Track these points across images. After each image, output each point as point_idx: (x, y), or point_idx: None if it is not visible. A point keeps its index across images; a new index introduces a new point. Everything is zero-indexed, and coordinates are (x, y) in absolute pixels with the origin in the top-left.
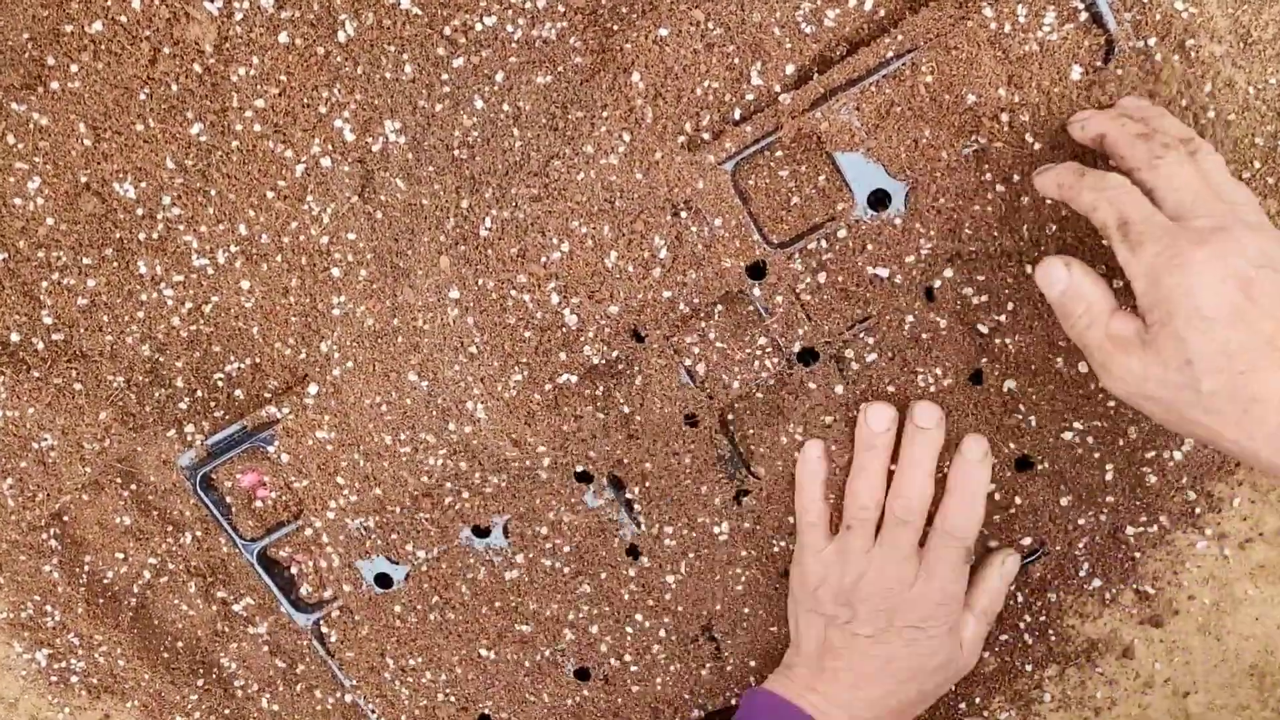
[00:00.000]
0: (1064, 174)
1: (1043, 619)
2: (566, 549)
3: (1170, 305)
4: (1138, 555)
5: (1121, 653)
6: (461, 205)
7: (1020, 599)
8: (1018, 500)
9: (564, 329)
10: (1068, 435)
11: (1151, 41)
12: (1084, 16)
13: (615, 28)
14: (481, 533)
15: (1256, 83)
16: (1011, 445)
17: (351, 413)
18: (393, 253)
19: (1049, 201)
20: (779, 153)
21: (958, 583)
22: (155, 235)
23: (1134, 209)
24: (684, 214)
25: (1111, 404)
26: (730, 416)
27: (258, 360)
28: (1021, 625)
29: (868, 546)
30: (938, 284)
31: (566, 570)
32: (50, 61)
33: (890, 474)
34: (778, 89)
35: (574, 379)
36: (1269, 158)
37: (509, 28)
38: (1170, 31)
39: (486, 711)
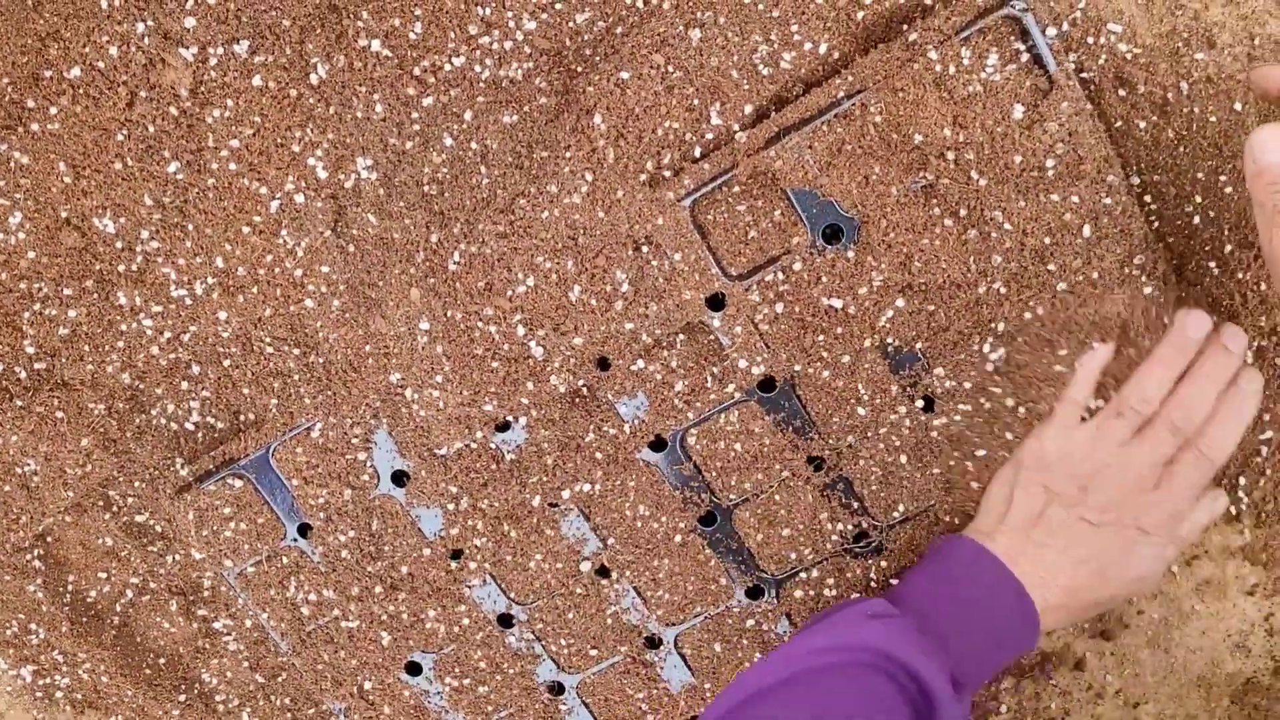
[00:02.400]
0: None
1: None
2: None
3: None
4: None
5: (1074, 665)
6: (431, 240)
7: None
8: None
9: (530, 360)
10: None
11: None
12: (1025, 58)
13: (579, 69)
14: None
15: (1199, 119)
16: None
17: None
18: (365, 284)
19: (992, 236)
20: (736, 189)
21: (1192, 504)
22: (134, 268)
23: None
24: (645, 249)
25: None
26: (692, 440)
27: (234, 387)
28: None
29: (1126, 440)
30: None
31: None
32: (30, 104)
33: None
34: (737, 128)
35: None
36: (1209, 190)
37: (477, 68)
38: (1111, 70)
39: None
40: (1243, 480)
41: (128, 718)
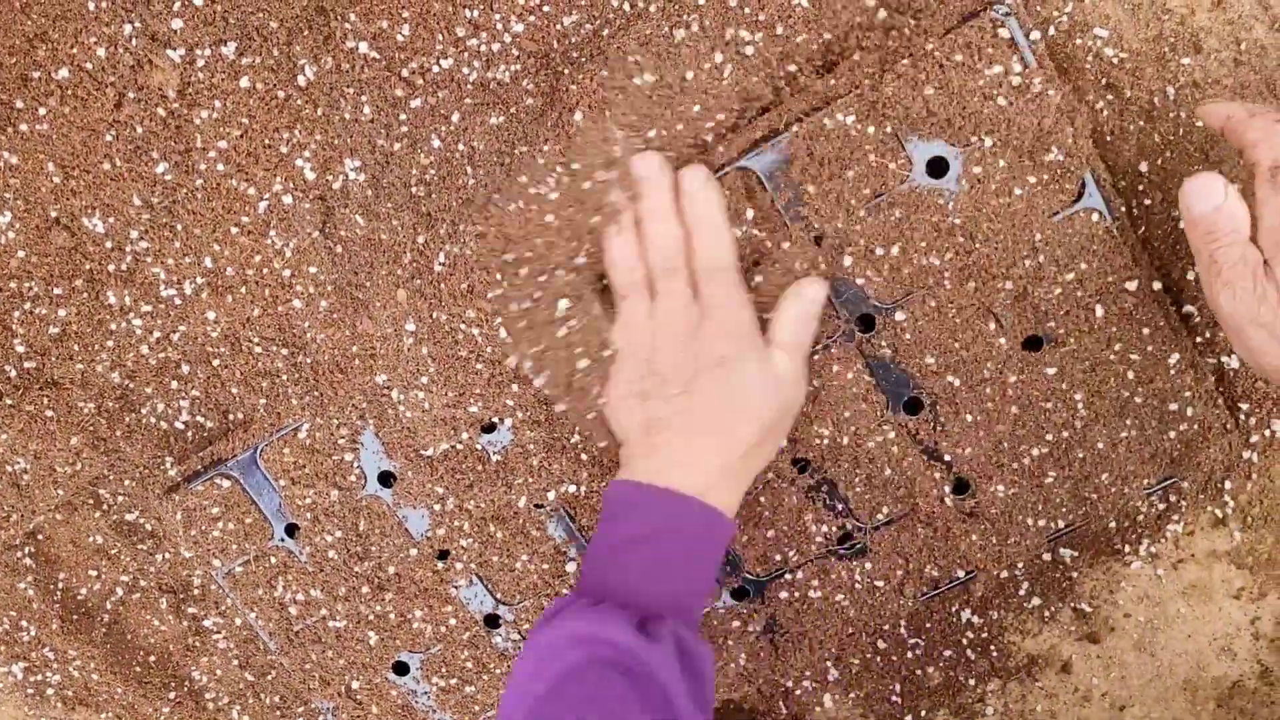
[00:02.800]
0: (1235, 109)
1: (985, 635)
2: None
3: None
4: (1075, 575)
5: (1060, 668)
6: (418, 241)
7: (964, 617)
8: (956, 524)
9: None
10: (1007, 458)
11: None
12: (1009, 61)
13: (565, 70)
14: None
15: (1185, 124)
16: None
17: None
18: (352, 285)
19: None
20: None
21: (742, 309)
22: (124, 267)
23: None
24: None
25: (1049, 438)
26: None
27: (223, 387)
28: (964, 641)
29: (647, 311)
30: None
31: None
32: (19, 105)
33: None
34: (709, 126)
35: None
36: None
37: (464, 70)
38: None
39: None
40: (1229, 484)
41: (118, 715)
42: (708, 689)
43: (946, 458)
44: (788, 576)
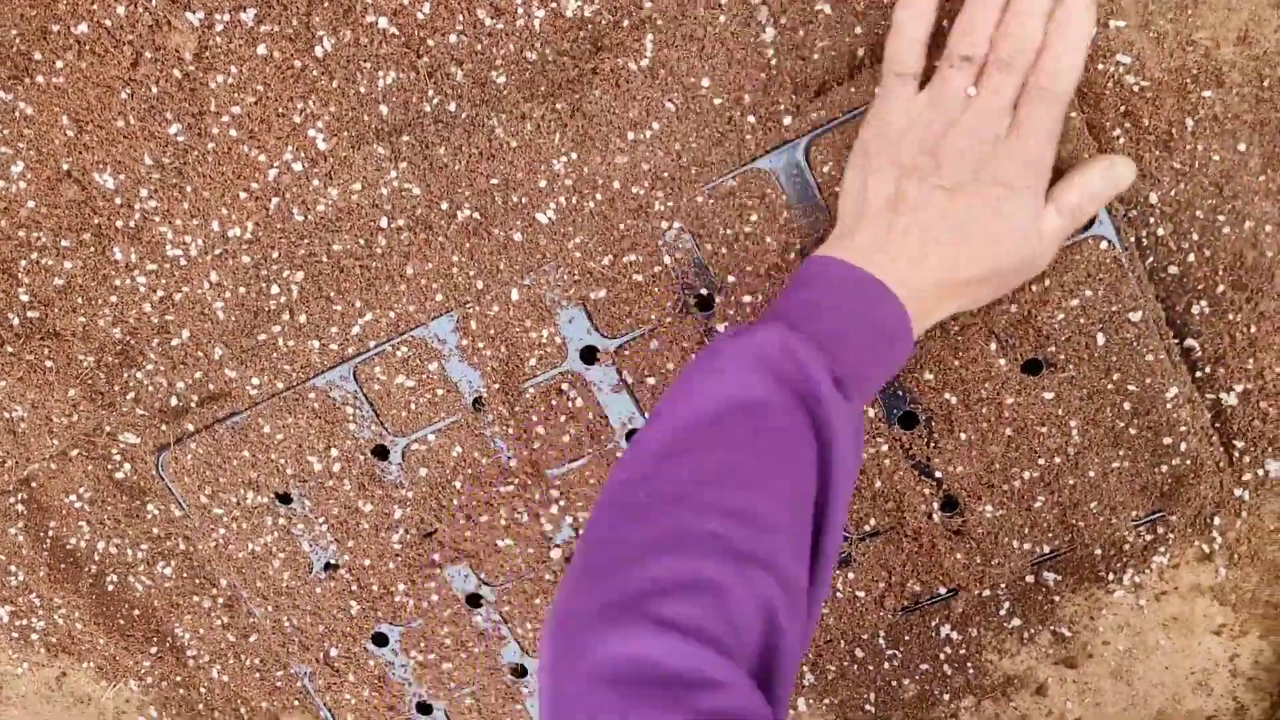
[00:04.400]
0: None
1: (963, 652)
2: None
3: None
4: (1057, 599)
5: (1036, 690)
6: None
7: (943, 632)
8: (941, 543)
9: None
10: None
11: None
12: None
13: (585, 57)
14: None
15: (1201, 157)
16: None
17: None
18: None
19: None
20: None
21: (1050, 146)
22: (132, 224)
23: None
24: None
25: (1042, 461)
26: None
27: (223, 347)
28: (942, 656)
29: (966, 91)
30: None
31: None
32: (37, 56)
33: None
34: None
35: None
36: (1206, 229)
37: (480, 48)
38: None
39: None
40: (1218, 520)
41: (99, 665)
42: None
43: (938, 474)
44: None
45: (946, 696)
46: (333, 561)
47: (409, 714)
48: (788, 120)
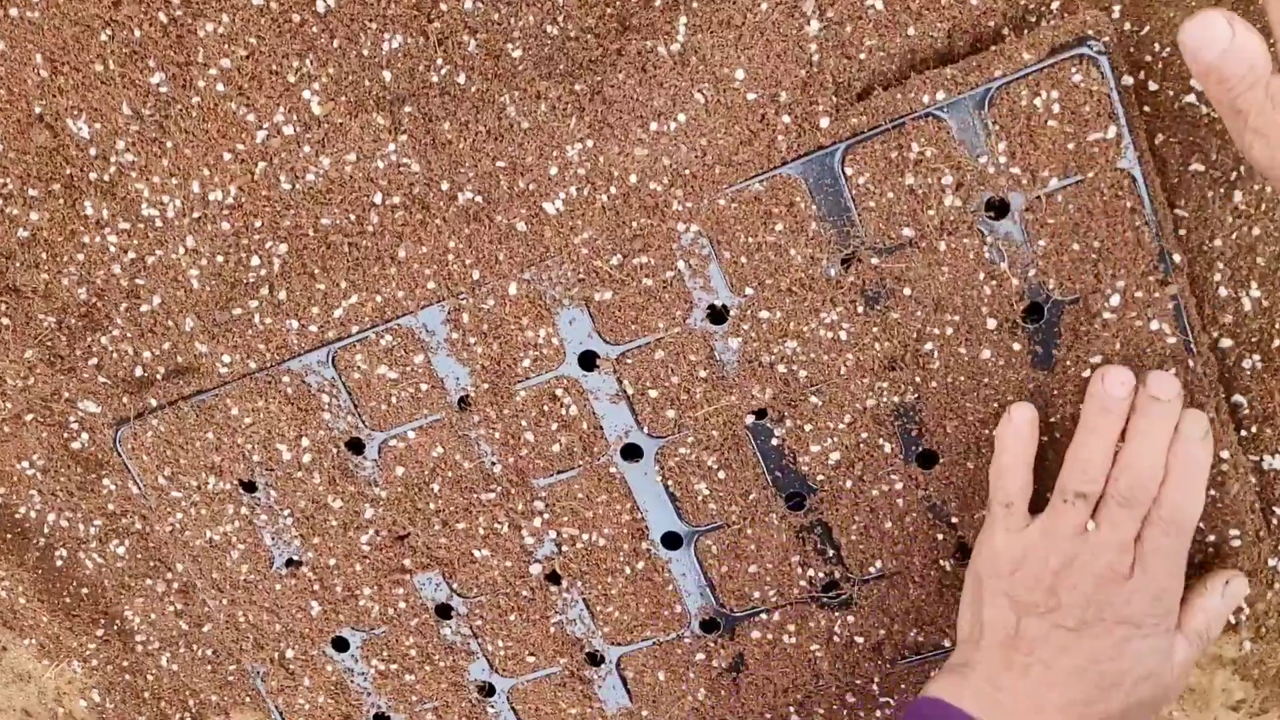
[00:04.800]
0: None
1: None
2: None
3: None
4: None
5: None
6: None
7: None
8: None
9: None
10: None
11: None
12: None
13: (633, 23)
14: None
15: (1269, 199)
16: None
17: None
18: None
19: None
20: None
21: (1176, 579)
22: (106, 178)
23: None
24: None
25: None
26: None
27: (195, 318)
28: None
29: (1082, 527)
30: None
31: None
32: None
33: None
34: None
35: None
36: (1267, 277)
37: (496, 18)
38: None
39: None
40: (1246, 590)
41: (41, 643)
42: None
43: (954, 520)
44: (763, 616)
45: None
46: (295, 558)
47: None
48: (825, 123)
